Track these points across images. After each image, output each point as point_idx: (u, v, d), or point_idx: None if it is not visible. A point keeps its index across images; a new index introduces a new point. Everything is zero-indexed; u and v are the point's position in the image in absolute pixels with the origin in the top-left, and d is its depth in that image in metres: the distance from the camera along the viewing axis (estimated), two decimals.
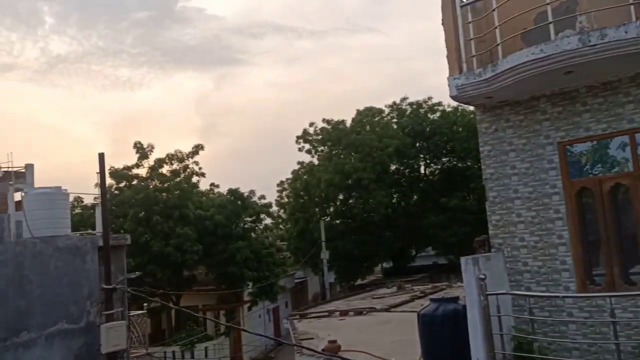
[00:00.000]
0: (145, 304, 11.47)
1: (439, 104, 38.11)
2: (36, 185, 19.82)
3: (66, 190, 10.11)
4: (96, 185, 26.40)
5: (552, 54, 6.54)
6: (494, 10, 7.43)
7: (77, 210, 26.93)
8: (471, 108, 35.04)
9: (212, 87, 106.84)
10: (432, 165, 39.85)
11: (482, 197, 37.27)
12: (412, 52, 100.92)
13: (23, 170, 18.62)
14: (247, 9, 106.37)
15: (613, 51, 6.26)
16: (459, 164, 38.08)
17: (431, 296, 12.56)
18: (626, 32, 6.13)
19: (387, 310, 18.05)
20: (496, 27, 7.39)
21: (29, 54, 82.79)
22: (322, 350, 10.82)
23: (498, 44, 7.38)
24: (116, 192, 26.36)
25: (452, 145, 36.58)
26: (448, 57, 7.94)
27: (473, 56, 7.73)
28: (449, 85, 7.81)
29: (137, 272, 10.62)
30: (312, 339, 13.93)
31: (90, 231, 13.98)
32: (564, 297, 7.57)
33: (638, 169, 7.28)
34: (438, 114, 38.02)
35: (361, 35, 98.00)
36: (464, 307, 8.58)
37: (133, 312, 12.47)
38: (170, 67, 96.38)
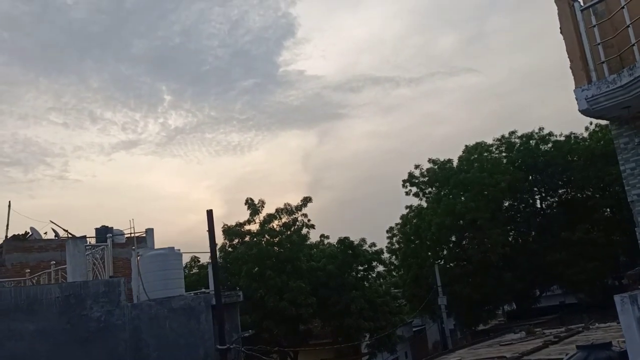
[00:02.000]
0: None
1: (550, 134, 36.16)
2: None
3: (179, 250, 10.16)
4: None
5: None
6: (622, 7, 6.50)
7: (195, 270, 27.75)
8: (585, 134, 32.55)
9: (316, 143, 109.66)
10: (548, 198, 38.00)
11: (608, 228, 34.71)
12: (513, 87, 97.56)
13: (144, 235, 19.44)
14: (345, 65, 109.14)
15: None
16: (579, 195, 35.98)
17: (577, 343, 11.13)
18: None
19: (519, 359, 16.49)
20: (628, 26, 6.44)
21: (151, 130, 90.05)
22: None
23: (633, 44, 6.40)
24: (230, 249, 26.86)
25: (568, 175, 34.45)
26: (572, 67, 7.03)
27: (602, 62, 6.79)
28: (576, 99, 6.88)
29: (250, 330, 10.28)
30: None
31: (204, 290, 14.04)
32: None
33: None
34: (550, 144, 35.95)
35: (458, 77, 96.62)
36: (620, 354, 7.39)
37: None
38: (275, 127, 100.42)
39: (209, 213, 9.50)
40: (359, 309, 25.92)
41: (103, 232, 15.25)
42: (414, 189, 37.14)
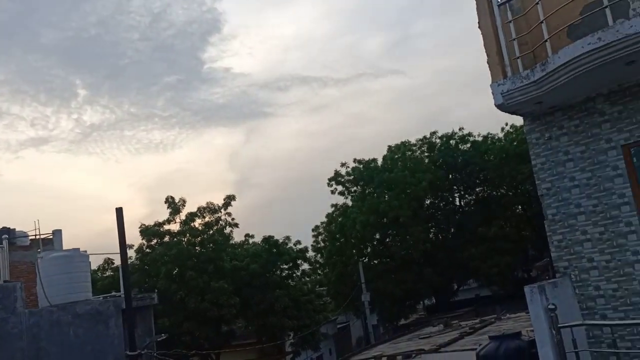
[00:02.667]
0: None
1: (469, 134, 37.51)
2: None
3: (85, 251, 9.47)
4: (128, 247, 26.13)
5: (613, 41, 5.66)
6: (537, 3, 6.61)
7: (109, 273, 26.47)
8: (501, 134, 33.91)
9: (243, 142, 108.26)
10: (466, 196, 39.46)
11: (519, 224, 36.44)
12: (435, 89, 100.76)
13: (51, 237, 18.06)
14: (272, 63, 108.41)
15: None
16: (494, 192, 37.55)
17: (490, 334, 11.44)
18: None
19: (436, 350, 16.89)
20: (542, 22, 6.55)
21: (64, 126, 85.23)
22: None
23: (545, 40, 6.53)
24: (147, 250, 25.83)
25: (484, 174, 35.83)
26: (489, 62, 7.10)
27: (517, 58, 6.89)
28: (492, 93, 6.95)
29: (163, 334, 9.76)
30: None
31: (114, 293, 13.29)
32: None
33: None
34: (469, 144, 37.22)
35: (384, 79, 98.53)
36: (529, 343, 7.59)
37: None
38: (200, 125, 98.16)
39: (118, 211, 8.95)
40: (283, 307, 25.67)
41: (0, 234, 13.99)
42: (340, 188, 37.39)
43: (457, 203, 39.37)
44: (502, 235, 33.74)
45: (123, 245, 9.18)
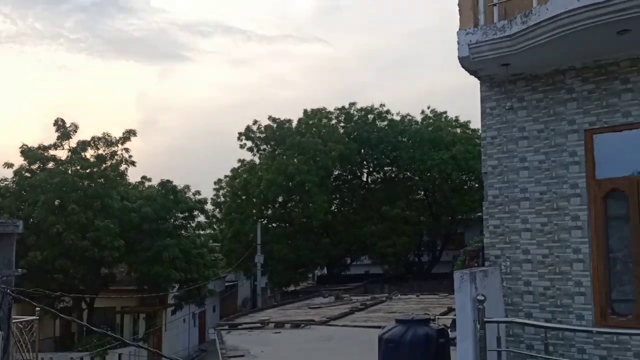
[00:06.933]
0: (39, 309, 9.16)
1: (388, 112, 37.18)
2: None
3: None
4: (5, 165, 23.24)
5: None
6: None
7: None
8: (419, 117, 33.93)
9: (154, 82, 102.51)
10: (374, 173, 39.54)
11: (420, 209, 37.40)
12: (356, 65, 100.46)
13: None
14: (196, 5, 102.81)
15: None
16: (401, 174, 37.70)
17: (381, 313, 10.80)
18: None
19: (326, 323, 16.43)
20: None
21: None
22: None
23: None
24: (27, 174, 23.10)
25: (396, 154, 35.80)
26: (460, 4, 6.08)
27: (494, 4, 5.90)
28: (458, 42, 5.96)
29: (20, 270, 8.16)
30: (242, 356, 11.92)
31: None
32: (587, 330, 5.84)
33: None
34: (386, 122, 36.96)
35: (308, 44, 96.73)
36: (438, 331, 6.88)
37: (20, 318, 9.98)
38: (111, 56, 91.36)
39: None
40: (172, 257, 24.10)
41: None
42: (250, 144, 36.18)
43: (365, 179, 39.54)
44: (403, 217, 34.26)
45: None
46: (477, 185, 32.47)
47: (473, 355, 5.80)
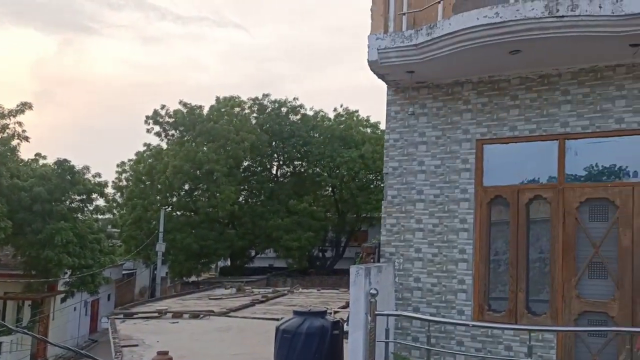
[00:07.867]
0: None
1: (301, 106, 37.47)
2: None
3: None
4: None
5: (510, 20, 5.21)
6: None
7: None
8: (332, 114, 34.69)
9: (54, 52, 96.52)
10: (284, 167, 39.63)
11: (326, 205, 38.16)
12: (273, 56, 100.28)
13: None
14: None
15: (582, 29, 5.09)
16: (311, 170, 38.13)
17: (283, 305, 11.01)
18: (600, 7, 4.99)
19: (226, 314, 16.39)
20: None
21: None
22: None
23: (439, 1, 5.89)
24: None
25: (307, 149, 36.18)
26: (372, 9, 6.31)
27: (404, 14, 6.18)
28: (368, 46, 6.18)
29: None
30: (136, 345, 11.61)
31: None
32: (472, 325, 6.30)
33: (563, 182, 6.26)
34: (298, 116, 37.26)
35: (225, 29, 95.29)
36: (333, 324, 7.17)
37: None
38: (7, 20, 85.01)
39: None
40: (65, 242, 22.91)
41: None
42: (157, 128, 35.01)
43: (274, 172, 39.57)
44: (310, 212, 34.73)
45: None
46: (382, 185, 33.48)
47: (363, 345, 6.09)
